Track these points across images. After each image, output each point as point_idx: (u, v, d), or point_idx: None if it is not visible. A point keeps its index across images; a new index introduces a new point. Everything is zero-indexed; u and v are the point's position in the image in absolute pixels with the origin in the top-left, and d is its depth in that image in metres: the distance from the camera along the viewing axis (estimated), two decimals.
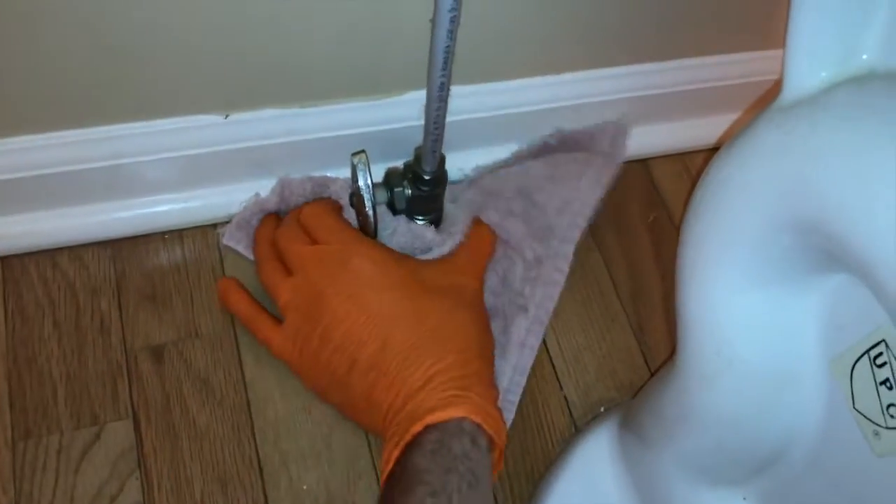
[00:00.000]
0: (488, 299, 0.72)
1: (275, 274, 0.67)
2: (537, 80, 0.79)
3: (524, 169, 0.78)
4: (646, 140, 0.88)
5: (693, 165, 0.90)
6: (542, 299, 0.74)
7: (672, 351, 0.77)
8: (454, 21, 0.49)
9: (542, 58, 0.77)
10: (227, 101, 0.70)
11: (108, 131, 0.69)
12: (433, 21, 0.50)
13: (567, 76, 0.80)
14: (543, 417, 0.74)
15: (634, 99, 0.84)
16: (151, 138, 0.70)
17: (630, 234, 0.83)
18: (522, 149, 0.81)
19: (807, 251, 0.48)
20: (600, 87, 0.82)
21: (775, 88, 0.74)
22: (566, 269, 0.75)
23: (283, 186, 0.74)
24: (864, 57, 0.44)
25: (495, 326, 0.72)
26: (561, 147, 0.80)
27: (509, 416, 0.70)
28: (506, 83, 0.78)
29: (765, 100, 0.88)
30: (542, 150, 0.80)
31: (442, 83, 0.55)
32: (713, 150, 0.91)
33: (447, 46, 0.51)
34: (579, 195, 0.77)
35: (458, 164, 0.79)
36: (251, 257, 0.74)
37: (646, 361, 0.77)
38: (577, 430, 0.73)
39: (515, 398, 0.71)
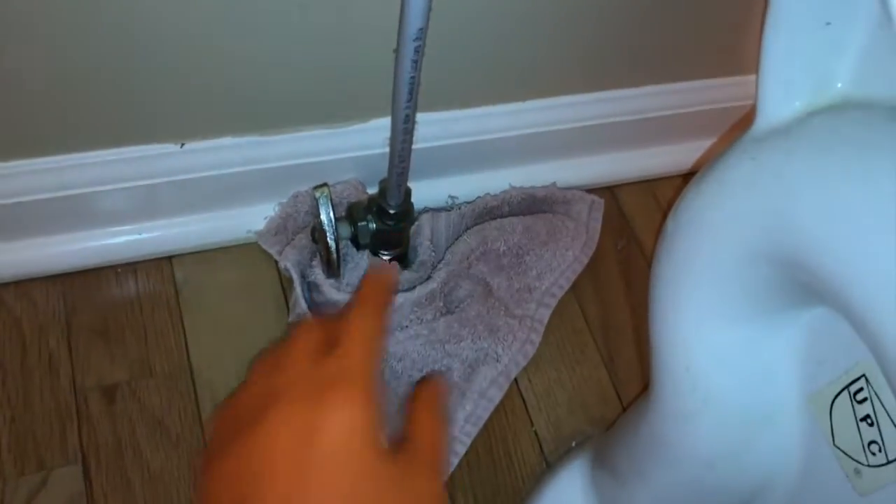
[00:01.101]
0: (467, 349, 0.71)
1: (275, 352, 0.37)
2: (501, 108, 0.78)
3: (523, 226, 0.78)
4: (613, 167, 0.87)
5: (661, 192, 0.90)
6: (515, 355, 0.72)
7: (645, 384, 0.75)
8: (418, 51, 0.47)
9: (509, 85, 0.76)
10: (184, 129, 0.68)
11: (58, 161, 0.66)
12: (396, 52, 0.48)
13: (531, 104, 0.79)
14: (513, 453, 0.71)
15: (601, 126, 0.83)
16: (104, 168, 0.67)
17: (599, 264, 0.82)
18: (508, 192, 0.80)
19: (783, 285, 0.46)
20: (566, 114, 0.81)
21: (748, 116, 0.73)
22: (541, 331, 0.75)
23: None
24: (839, 85, 0.43)
25: (461, 371, 0.71)
26: (546, 200, 0.81)
27: (453, 460, 0.68)
28: (470, 110, 0.76)
29: (737, 128, 0.88)
30: (528, 200, 0.80)
31: (406, 115, 0.53)
32: (681, 177, 0.91)
33: (412, 77, 0.49)
34: (562, 265, 0.78)
35: (426, 192, 0.77)
36: (280, 263, 0.72)
37: (617, 394, 0.76)
38: (548, 465, 0.71)
39: (462, 449, 0.69)
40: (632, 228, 0.86)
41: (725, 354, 0.49)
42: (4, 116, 0.61)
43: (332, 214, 0.66)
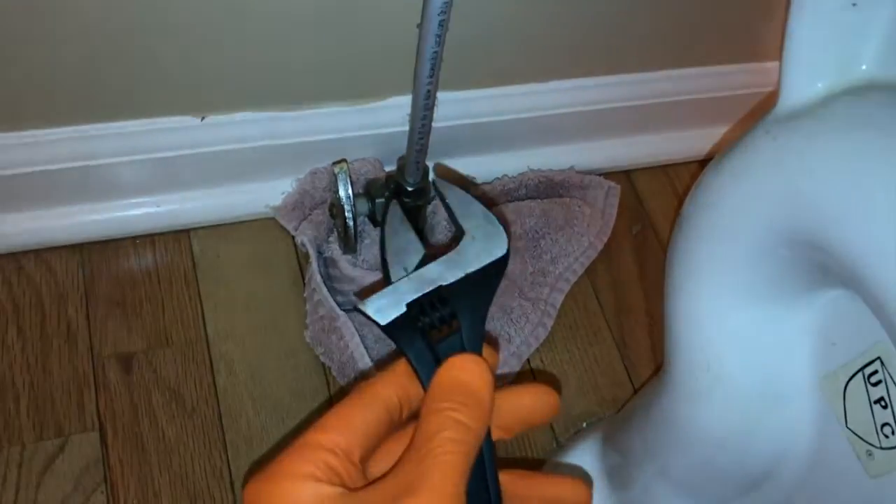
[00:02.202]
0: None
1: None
2: (521, 89, 0.78)
3: (540, 210, 0.78)
4: (630, 151, 0.88)
5: (677, 177, 0.89)
6: (527, 337, 0.73)
7: (656, 367, 0.76)
8: (442, 26, 0.47)
9: (528, 66, 0.76)
10: (204, 102, 0.68)
11: (80, 131, 0.67)
12: (420, 27, 0.48)
13: (552, 84, 0.79)
14: (525, 433, 0.72)
15: (619, 109, 0.83)
16: (124, 139, 0.68)
17: (614, 248, 0.82)
18: (526, 174, 0.80)
19: (800, 265, 0.46)
20: (585, 96, 0.81)
21: (766, 103, 0.74)
22: (554, 315, 0.75)
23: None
24: (863, 67, 0.43)
25: None
26: (563, 185, 0.81)
27: None
28: (489, 90, 0.77)
29: (754, 115, 0.88)
30: (545, 183, 0.80)
31: (428, 91, 0.54)
32: (697, 163, 0.91)
33: (435, 53, 0.50)
34: (577, 251, 0.78)
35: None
36: (297, 237, 0.72)
37: (629, 376, 0.76)
38: (558, 445, 0.72)
39: None
40: (647, 213, 0.86)
41: (740, 334, 0.50)
42: (26, 85, 0.62)
43: (350, 190, 0.66)
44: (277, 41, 0.64)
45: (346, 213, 0.66)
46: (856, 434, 0.46)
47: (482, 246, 0.41)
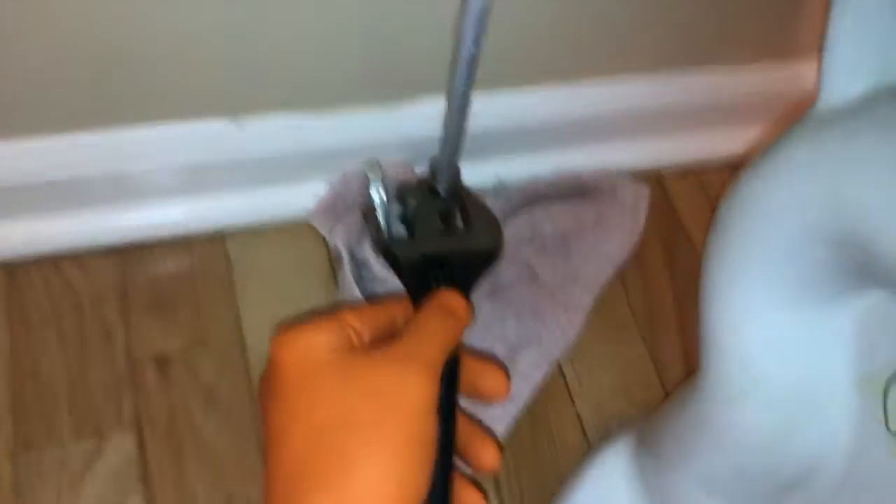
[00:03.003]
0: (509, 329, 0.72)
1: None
2: (553, 89, 0.78)
3: (571, 212, 0.78)
4: (660, 152, 0.87)
5: (707, 180, 0.89)
6: (558, 339, 0.73)
7: (687, 370, 0.75)
8: (482, 27, 0.48)
9: (560, 66, 0.76)
10: (238, 106, 0.69)
11: (116, 135, 0.68)
12: (459, 26, 0.49)
13: (584, 84, 0.79)
14: (555, 434, 0.72)
15: (650, 109, 0.82)
16: (160, 143, 0.69)
17: (644, 250, 0.82)
18: (556, 176, 0.80)
19: (840, 267, 0.46)
20: (617, 96, 0.81)
21: (801, 104, 0.73)
22: (584, 317, 0.76)
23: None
24: None
25: (503, 353, 0.72)
26: (594, 186, 0.81)
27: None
28: (521, 90, 0.77)
29: (789, 115, 0.87)
30: (575, 185, 0.80)
31: (463, 93, 0.54)
32: (728, 165, 0.90)
33: (472, 55, 0.50)
34: (608, 253, 0.78)
35: (472, 173, 0.78)
36: (330, 241, 0.73)
37: (660, 379, 0.76)
38: (589, 446, 0.72)
39: (502, 427, 0.70)
40: (679, 216, 0.86)
41: (777, 337, 0.50)
42: (63, 88, 0.63)
43: (382, 193, 0.66)
44: (310, 40, 0.65)
45: (379, 215, 0.67)
46: None
47: (483, 237, 0.59)
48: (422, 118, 0.74)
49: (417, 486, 0.38)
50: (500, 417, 0.70)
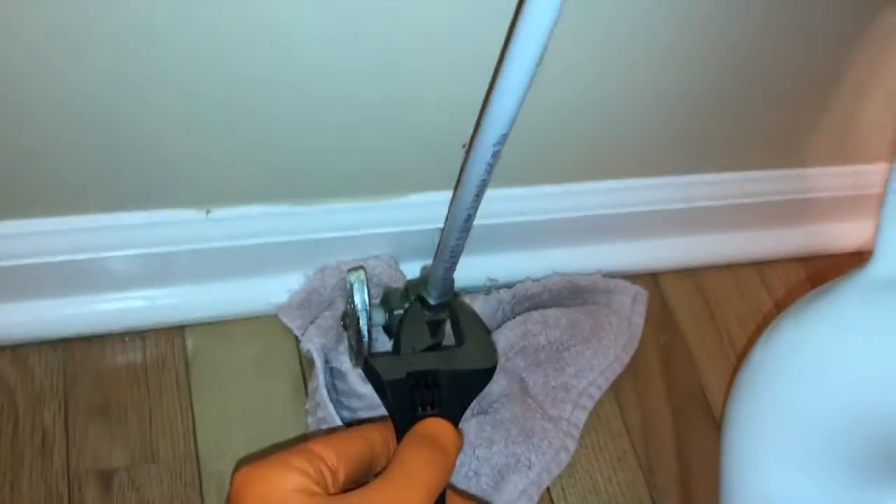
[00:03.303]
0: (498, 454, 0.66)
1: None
2: (548, 189, 0.73)
3: (567, 321, 0.72)
4: (657, 254, 0.82)
5: (705, 282, 0.84)
6: (548, 463, 0.67)
7: (685, 497, 0.69)
8: (496, 156, 0.42)
9: (554, 167, 0.71)
10: (210, 195, 0.62)
11: (72, 222, 0.61)
12: (468, 150, 0.43)
13: (578, 186, 0.74)
14: None
15: (647, 212, 0.78)
16: (120, 232, 0.62)
17: (640, 360, 0.76)
18: (550, 278, 0.75)
19: (886, 450, 0.41)
20: (613, 198, 0.76)
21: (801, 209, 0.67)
22: (577, 436, 0.70)
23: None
24: None
25: (489, 477, 0.65)
26: (588, 290, 0.76)
27: None
28: (515, 190, 0.71)
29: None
30: (569, 288, 0.75)
31: (469, 215, 0.48)
32: (727, 268, 0.86)
33: (483, 181, 0.44)
34: (602, 365, 0.73)
35: (463, 272, 0.72)
36: (303, 344, 0.66)
37: None
38: None
39: None
40: (675, 320, 0.81)
41: None
42: (5, 171, 0.56)
43: (367, 300, 0.60)
44: (293, 133, 0.59)
45: (361, 324, 0.60)
46: None
47: (477, 354, 0.51)
48: (410, 214, 0.68)
49: None
50: None
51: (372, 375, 0.48)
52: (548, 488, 0.68)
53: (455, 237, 0.50)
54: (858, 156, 0.82)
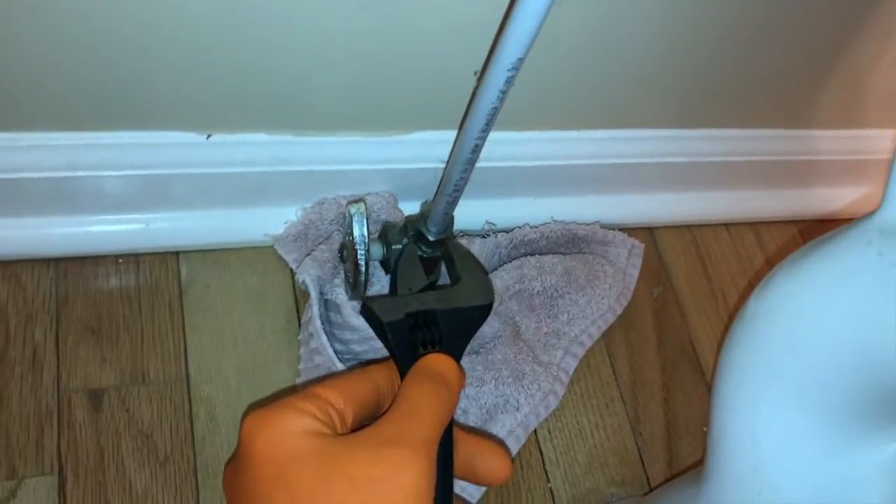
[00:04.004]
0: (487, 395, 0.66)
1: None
2: (553, 135, 0.72)
3: (563, 268, 0.72)
4: (655, 208, 0.82)
5: (701, 238, 0.84)
6: (537, 406, 0.67)
7: (670, 446, 0.70)
8: (510, 82, 0.41)
9: (561, 114, 0.70)
10: (212, 119, 0.61)
11: (70, 138, 0.59)
12: (480, 76, 0.42)
13: (584, 133, 0.73)
14: None
15: (646, 164, 0.77)
16: (120, 151, 0.61)
17: (633, 311, 0.77)
18: (548, 226, 0.75)
19: (887, 395, 0.41)
20: (615, 148, 0.75)
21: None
22: (566, 382, 0.70)
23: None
24: None
25: (477, 416, 0.65)
26: (586, 240, 0.75)
27: None
28: (520, 133, 0.71)
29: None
30: (567, 237, 0.75)
31: (476, 145, 0.47)
32: (724, 226, 0.86)
33: (494, 108, 0.43)
34: (594, 314, 0.74)
35: (462, 215, 0.72)
36: (298, 275, 0.66)
37: (640, 456, 0.71)
38: None
39: (473, 501, 0.63)
40: (669, 275, 0.81)
41: (803, 461, 0.44)
42: (14, 84, 0.55)
43: (366, 233, 0.60)
44: (300, 60, 0.58)
45: (359, 257, 0.60)
46: None
47: (474, 291, 0.52)
48: (412, 151, 0.67)
49: None
50: (469, 493, 0.63)
51: (371, 318, 0.48)
52: (535, 431, 0.69)
53: (460, 169, 0.50)
54: (863, 121, 0.82)
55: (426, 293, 0.53)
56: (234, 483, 0.35)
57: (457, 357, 0.46)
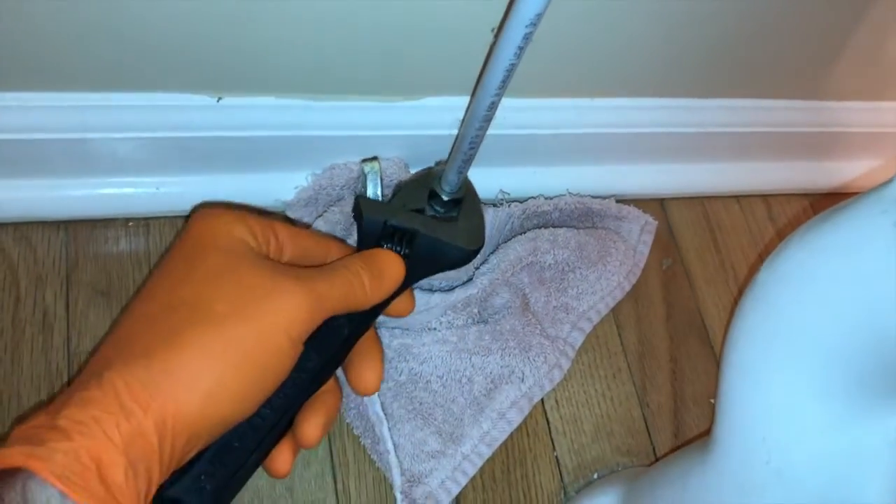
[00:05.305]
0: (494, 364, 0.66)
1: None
2: (571, 102, 0.71)
3: (576, 242, 0.72)
4: (666, 178, 0.82)
5: (712, 211, 0.84)
6: (542, 378, 0.67)
7: (677, 417, 0.70)
8: (528, 38, 0.41)
9: (580, 81, 0.69)
10: (223, 81, 0.61)
11: (81, 99, 0.59)
12: (497, 33, 0.42)
13: (600, 102, 0.73)
14: (531, 477, 0.66)
15: (662, 134, 0.77)
16: (131, 113, 0.60)
17: (642, 284, 0.76)
18: (563, 198, 0.74)
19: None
20: (629, 117, 0.75)
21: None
22: (572, 356, 0.70)
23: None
24: None
25: (482, 386, 0.65)
26: (599, 214, 0.75)
27: (454, 489, 0.63)
28: (538, 101, 0.70)
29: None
30: (581, 209, 0.74)
31: (492, 103, 0.47)
32: (734, 198, 0.85)
33: (511, 65, 0.43)
34: (604, 290, 0.74)
35: (476, 182, 0.71)
36: None
37: (647, 426, 0.71)
38: (565, 493, 0.66)
39: (473, 469, 0.64)
40: (679, 246, 0.80)
41: (811, 430, 0.44)
42: (15, 40, 0.54)
43: (380, 191, 0.60)
44: (310, 22, 0.57)
45: None
46: None
47: (462, 234, 0.53)
48: (425, 117, 0.67)
49: (232, 406, 0.35)
50: (471, 460, 0.64)
51: (356, 213, 0.52)
52: (542, 400, 0.69)
53: (476, 127, 0.49)
54: (880, 93, 0.81)
55: (416, 214, 0.55)
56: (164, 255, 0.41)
57: (410, 280, 0.49)
